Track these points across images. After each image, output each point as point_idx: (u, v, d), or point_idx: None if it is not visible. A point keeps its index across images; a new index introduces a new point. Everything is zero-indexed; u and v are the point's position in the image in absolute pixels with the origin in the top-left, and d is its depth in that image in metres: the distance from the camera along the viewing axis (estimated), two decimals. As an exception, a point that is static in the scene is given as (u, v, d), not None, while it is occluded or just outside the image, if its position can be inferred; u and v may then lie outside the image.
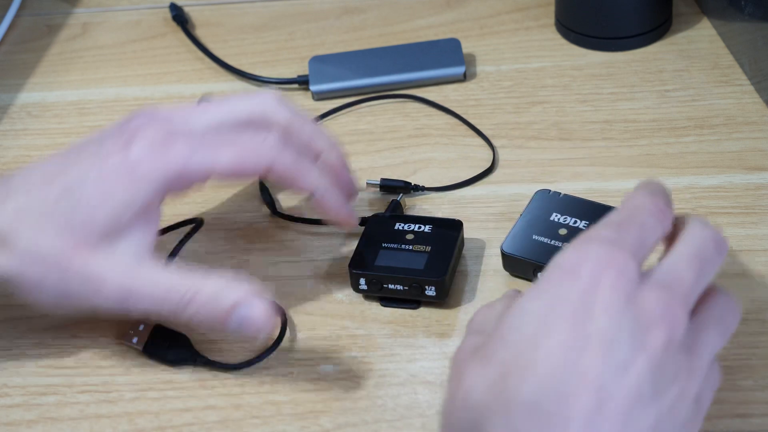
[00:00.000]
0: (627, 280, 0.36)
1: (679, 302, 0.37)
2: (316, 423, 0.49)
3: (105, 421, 0.50)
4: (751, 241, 0.56)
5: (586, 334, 0.35)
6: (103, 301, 0.48)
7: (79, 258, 0.47)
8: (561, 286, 0.36)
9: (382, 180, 0.61)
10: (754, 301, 0.53)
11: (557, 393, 0.34)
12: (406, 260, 0.53)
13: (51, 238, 0.47)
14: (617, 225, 0.38)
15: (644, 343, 0.35)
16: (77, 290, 0.48)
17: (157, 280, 0.48)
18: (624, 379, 0.34)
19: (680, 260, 0.39)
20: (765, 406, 0.47)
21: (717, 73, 0.69)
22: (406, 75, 0.70)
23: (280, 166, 0.51)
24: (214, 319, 0.47)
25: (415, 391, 0.50)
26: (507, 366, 0.35)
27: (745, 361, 0.49)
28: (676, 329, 0.36)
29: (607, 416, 0.34)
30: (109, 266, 0.47)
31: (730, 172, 0.61)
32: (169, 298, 0.47)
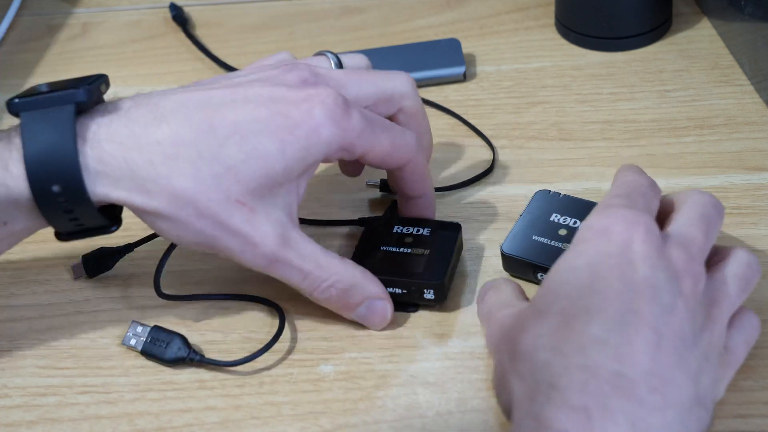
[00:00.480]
0: (654, 236, 0.40)
1: (696, 258, 0.41)
2: (316, 424, 0.49)
3: (105, 421, 0.50)
4: (751, 241, 0.56)
5: (633, 281, 0.38)
6: (248, 261, 0.47)
7: (239, 215, 0.45)
8: (600, 245, 0.40)
9: (382, 180, 0.61)
10: (754, 301, 0.53)
11: (621, 331, 0.37)
12: (404, 263, 0.53)
13: (211, 187, 0.45)
14: (626, 196, 0.43)
15: (680, 289, 0.39)
16: (225, 245, 0.46)
17: (305, 253, 0.48)
18: (671, 320, 0.38)
19: (688, 223, 0.42)
20: (765, 407, 0.47)
21: (717, 73, 0.69)
22: (406, 75, 0.70)
23: (412, 167, 0.52)
24: (343, 306, 0.50)
25: (415, 391, 0.50)
26: (567, 314, 0.39)
27: (745, 362, 0.48)
28: (699, 281, 0.40)
29: (665, 352, 0.37)
30: (265, 230, 0.46)
31: (730, 172, 0.61)
32: (312, 277, 0.48)
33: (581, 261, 0.40)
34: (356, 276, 0.49)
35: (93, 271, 0.57)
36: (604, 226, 0.41)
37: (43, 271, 0.58)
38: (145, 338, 0.52)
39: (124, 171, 0.44)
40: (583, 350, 0.37)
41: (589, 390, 0.36)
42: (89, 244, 0.58)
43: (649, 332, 0.37)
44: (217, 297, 0.55)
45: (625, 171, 0.47)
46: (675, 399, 0.37)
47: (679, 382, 0.38)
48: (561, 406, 0.36)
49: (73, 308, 0.56)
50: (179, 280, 0.57)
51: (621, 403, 0.36)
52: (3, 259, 0.59)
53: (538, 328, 0.39)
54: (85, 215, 0.46)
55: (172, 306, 0.55)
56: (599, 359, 0.37)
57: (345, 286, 0.49)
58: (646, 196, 0.44)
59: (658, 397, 0.36)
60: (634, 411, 0.36)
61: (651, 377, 0.36)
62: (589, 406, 0.36)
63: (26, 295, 0.57)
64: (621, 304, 0.38)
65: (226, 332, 0.54)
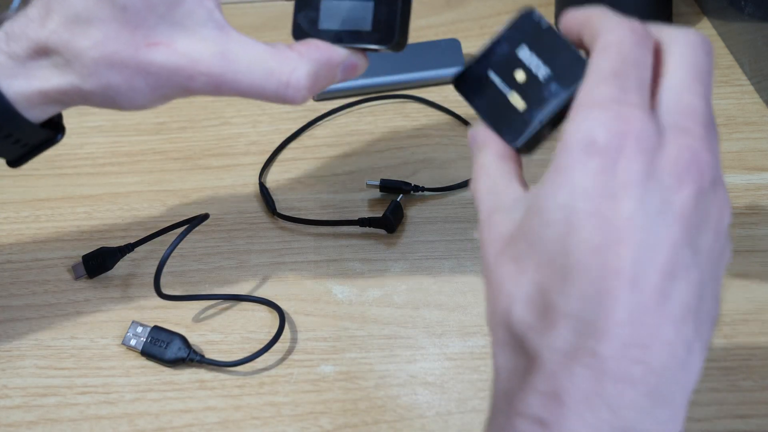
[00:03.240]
0: (646, 145, 0.33)
1: (701, 142, 0.34)
2: (316, 424, 0.49)
3: (105, 422, 0.50)
4: (751, 241, 0.56)
5: (614, 227, 0.33)
6: (197, 89, 0.43)
7: (160, 53, 0.42)
8: (577, 171, 0.34)
9: (382, 180, 0.61)
10: (754, 302, 0.53)
11: (597, 302, 0.33)
12: (350, 16, 0.46)
13: (117, 40, 0.41)
14: (613, 75, 0.35)
15: (675, 214, 0.33)
16: (168, 85, 0.43)
17: (250, 59, 0.43)
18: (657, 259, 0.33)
19: (683, 88, 0.35)
20: (765, 407, 0.47)
21: (717, 73, 0.69)
22: (406, 75, 0.70)
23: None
24: (322, 85, 0.45)
25: (415, 392, 0.50)
26: (541, 278, 0.34)
27: (745, 362, 0.48)
28: (705, 175, 0.34)
29: (647, 311, 0.33)
30: (194, 55, 0.42)
31: (730, 172, 0.61)
32: (270, 82, 0.43)
33: (556, 201, 0.34)
34: (314, 55, 0.44)
35: (93, 271, 0.57)
36: (585, 140, 0.33)
37: (43, 271, 0.58)
38: (145, 338, 0.52)
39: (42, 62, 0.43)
40: (555, 327, 0.33)
41: (562, 373, 0.33)
42: (89, 244, 0.59)
43: (628, 294, 0.32)
44: (217, 297, 0.55)
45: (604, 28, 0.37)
46: (662, 361, 0.33)
47: (667, 338, 0.33)
48: (532, 391, 0.34)
49: (73, 308, 0.56)
50: (179, 280, 0.57)
51: (596, 385, 0.33)
52: (3, 259, 0.59)
53: (514, 285, 0.35)
54: (26, 133, 0.45)
55: (172, 306, 0.55)
56: (571, 338, 0.33)
57: (312, 70, 0.44)
58: (637, 64, 0.35)
59: (640, 368, 0.33)
60: (612, 391, 0.33)
61: (631, 349, 0.33)
62: (561, 390, 0.33)
63: (26, 295, 0.57)
64: (597, 265, 0.33)
65: (226, 332, 0.54)
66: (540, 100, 0.38)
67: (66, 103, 0.44)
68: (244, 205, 0.62)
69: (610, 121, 0.34)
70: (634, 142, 0.33)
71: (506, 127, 0.39)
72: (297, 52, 0.44)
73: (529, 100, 0.38)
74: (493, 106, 0.39)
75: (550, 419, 0.33)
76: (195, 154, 0.66)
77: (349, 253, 0.58)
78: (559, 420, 0.32)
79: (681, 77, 0.36)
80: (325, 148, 0.66)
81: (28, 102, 0.43)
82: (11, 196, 0.63)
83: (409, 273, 0.56)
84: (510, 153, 0.39)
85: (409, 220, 0.60)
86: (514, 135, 0.38)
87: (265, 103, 0.70)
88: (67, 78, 0.43)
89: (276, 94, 0.44)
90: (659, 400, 0.33)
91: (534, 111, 0.38)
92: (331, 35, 0.45)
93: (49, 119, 0.46)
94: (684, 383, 0.34)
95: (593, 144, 0.33)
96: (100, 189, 0.63)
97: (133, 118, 0.69)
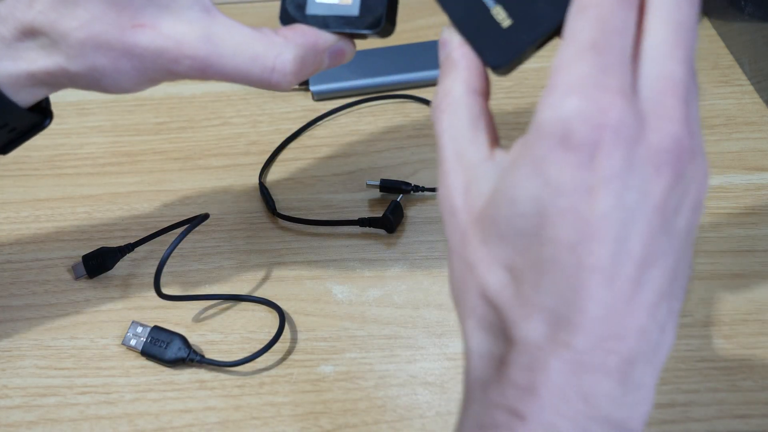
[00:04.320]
0: (624, 138, 0.32)
1: (680, 126, 0.33)
2: (316, 424, 0.49)
3: (105, 422, 0.50)
4: (751, 241, 0.56)
5: (590, 224, 0.32)
6: (183, 73, 0.43)
7: (145, 35, 0.42)
8: (552, 165, 0.32)
9: (382, 180, 0.61)
10: (754, 302, 0.53)
11: (572, 295, 0.32)
12: (338, 2, 0.45)
13: (103, 21, 0.41)
14: (591, 48, 0.32)
15: (653, 205, 0.32)
16: (153, 68, 0.43)
17: (237, 42, 0.43)
18: (634, 252, 0.32)
19: (663, 55, 0.33)
20: (765, 407, 0.47)
21: (717, 73, 0.69)
22: (406, 75, 0.70)
23: None
24: (308, 72, 0.45)
25: (415, 392, 0.50)
26: (515, 264, 0.33)
27: (745, 362, 0.48)
28: (684, 158, 0.33)
29: (622, 303, 0.32)
30: (180, 36, 0.42)
31: (730, 172, 0.61)
32: (255, 69, 0.43)
33: (528, 193, 0.33)
34: (299, 40, 0.44)
35: (93, 271, 0.57)
36: (561, 130, 0.32)
37: (43, 271, 0.58)
38: (145, 338, 0.52)
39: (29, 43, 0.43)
40: (530, 317, 0.33)
41: (537, 365, 0.33)
42: (89, 244, 0.59)
43: (604, 290, 0.32)
44: (217, 297, 0.55)
45: None
46: (636, 348, 0.33)
47: (642, 325, 0.33)
48: (507, 384, 0.33)
49: (73, 308, 0.56)
50: (179, 280, 0.57)
51: (570, 377, 0.32)
52: (3, 259, 0.59)
53: (487, 267, 0.34)
54: (14, 117, 0.45)
55: (172, 306, 0.55)
56: (545, 330, 0.33)
57: (298, 55, 0.43)
58: (617, 30, 0.33)
59: (614, 357, 0.33)
60: (587, 382, 0.32)
61: (605, 341, 0.32)
62: (537, 382, 0.33)
63: (26, 295, 0.57)
64: (572, 261, 0.32)
65: (226, 332, 0.54)
66: (528, 20, 0.34)
67: (53, 85, 0.44)
68: (244, 205, 0.62)
69: (587, 112, 0.32)
70: (613, 136, 0.32)
71: (486, 45, 0.35)
72: (283, 37, 0.44)
73: (516, 17, 0.35)
74: (473, 18, 0.35)
75: (525, 411, 0.33)
76: (195, 154, 0.66)
77: (349, 253, 0.58)
78: (535, 411, 0.32)
79: (662, 39, 0.33)
80: (325, 148, 0.66)
81: (16, 84, 0.43)
82: (11, 196, 0.63)
83: (409, 273, 0.56)
84: (481, 85, 0.37)
85: (409, 220, 0.60)
86: (495, 56, 0.35)
87: (265, 103, 0.70)
88: (53, 59, 0.42)
89: (261, 79, 0.43)
90: (632, 385, 0.33)
91: (521, 32, 0.34)
92: (318, 21, 0.45)
93: (37, 104, 0.46)
94: (656, 364, 0.34)
95: (569, 137, 0.32)
96: (100, 189, 0.63)
97: (133, 118, 0.69)
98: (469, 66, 0.36)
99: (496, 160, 0.35)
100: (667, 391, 0.49)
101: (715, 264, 0.55)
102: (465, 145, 0.36)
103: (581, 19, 0.33)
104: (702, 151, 0.34)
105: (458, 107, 0.37)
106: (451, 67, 0.37)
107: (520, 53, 0.34)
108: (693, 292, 0.54)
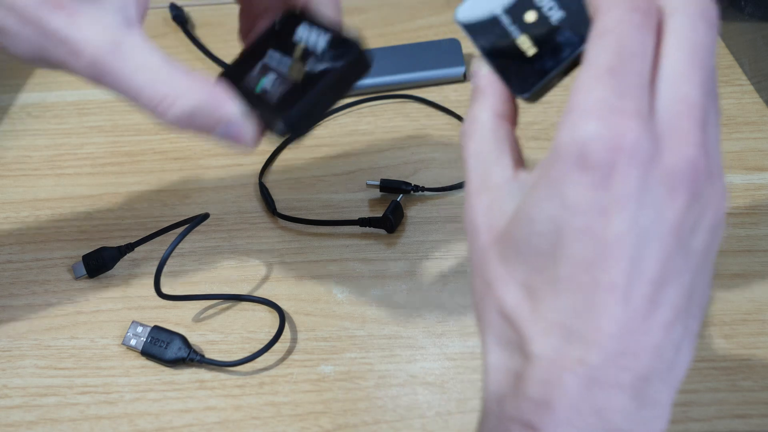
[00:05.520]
0: (640, 159, 0.32)
1: (696, 149, 0.33)
2: (316, 424, 0.49)
3: (105, 422, 0.50)
4: (751, 241, 0.56)
5: (605, 243, 0.32)
6: (79, 70, 0.42)
7: (59, 18, 0.41)
8: (569, 185, 0.33)
9: (382, 180, 0.61)
10: (754, 302, 0.53)
11: (587, 312, 0.33)
12: (271, 84, 0.43)
13: None
14: (609, 73, 0.33)
15: (668, 226, 0.33)
16: (52, 51, 0.41)
17: (140, 64, 0.42)
18: (650, 272, 0.33)
19: (680, 77, 0.34)
20: (765, 407, 0.47)
21: (717, 73, 0.69)
22: (406, 75, 0.70)
23: None
24: (196, 129, 0.43)
25: (415, 392, 0.50)
26: (531, 282, 0.34)
27: (745, 362, 0.48)
28: (700, 181, 0.33)
29: (637, 322, 0.33)
30: (88, 35, 0.41)
31: (730, 172, 0.61)
32: (147, 93, 0.42)
33: (546, 211, 0.34)
34: (203, 95, 0.42)
35: (93, 270, 0.57)
36: (576, 153, 0.33)
37: (43, 271, 0.58)
38: (145, 338, 0.52)
39: None
40: (547, 336, 0.34)
41: (551, 380, 0.33)
42: (89, 244, 0.59)
43: (619, 309, 0.33)
44: (217, 297, 0.55)
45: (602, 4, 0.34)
46: (651, 366, 0.34)
47: (657, 342, 0.33)
48: (522, 398, 0.34)
49: (73, 308, 0.56)
50: (179, 280, 0.57)
51: (584, 392, 0.33)
52: (3, 259, 0.59)
53: (505, 284, 0.35)
54: None
55: (172, 306, 0.55)
56: (560, 346, 0.33)
57: (189, 105, 0.42)
58: (636, 55, 0.33)
59: (629, 374, 0.33)
60: (601, 397, 0.33)
61: (620, 358, 0.33)
62: (551, 397, 0.33)
63: (26, 295, 0.57)
64: (587, 280, 0.33)
65: (226, 332, 0.54)
66: (552, 48, 0.35)
67: None
68: (244, 205, 0.62)
69: (603, 133, 0.32)
70: (628, 158, 0.32)
71: (513, 73, 0.36)
72: (189, 81, 0.42)
73: (541, 46, 0.35)
74: (499, 48, 0.36)
75: (540, 424, 0.33)
76: (195, 154, 0.66)
77: (349, 253, 0.58)
78: (549, 425, 0.33)
79: (679, 61, 0.34)
80: (325, 148, 0.66)
81: None
82: (11, 196, 0.63)
83: (409, 273, 0.56)
84: (507, 111, 0.38)
85: (409, 220, 0.60)
86: (521, 85, 0.36)
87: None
88: None
89: (146, 106, 0.42)
90: (647, 402, 0.33)
91: (545, 60, 0.35)
92: (246, 90, 0.43)
93: None
94: (671, 382, 0.34)
95: (586, 158, 0.32)
96: (100, 189, 0.63)
97: (133, 118, 0.69)
98: (494, 93, 0.37)
99: (520, 181, 0.36)
100: (667, 391, 0.49)
101: (715, 264, 0.55)
102: (489, 167, 0.37)
103: (599, 44, 0.33)
104: (720, 173, 0.35)
105: (483, 132, 0.38)
106: (479, 95, 0.38)
107: (545, 80, 0.35)
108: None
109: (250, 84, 0.43)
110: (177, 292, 0.56)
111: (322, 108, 0.43)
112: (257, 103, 0.42)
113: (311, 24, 0.44)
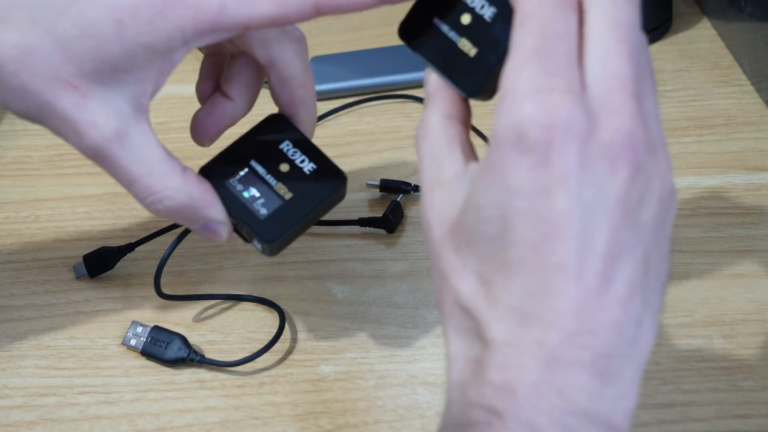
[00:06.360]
0: (576, 135, 0.33)
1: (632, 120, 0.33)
2: (316, 424, 0.49)
3: (105, 422, 0.50)
4: (751, 241, 0.56)
5: (550, 223, 0.33)
6: (77, 148, 0.42)
7: (68, 98, 0.40)
8: (509, 169, 0.33)
9: (382, 180, 0.61)
10: (754, 302, 0.53)
11: (541, 294, 0.33)
12: (255, 198, 0.45)
13: (39, 62, 0.39)
14: (535, 55, 0.33)
15: (612, 199, 0.33)
16: (53, 126, 0.41)
17: (139, 156, 0.42)
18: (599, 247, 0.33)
19: (607, 53, 0.34)
20: (765, 407, 0.47)
21: (717, 73, 0.69)
22: (406, 75, 0.70)
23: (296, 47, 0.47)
24: (178, 220, 0.44)
25: (415, 391, 0.50)
26: (484, 271, 0.35)
27: (745, 362, 0.48)
28: (639, 152, 0.33)
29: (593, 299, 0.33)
30: (95, 119, 0.41)
31: (730, 172, 0.61)
32: (140, 185, 0.42)
33: (491, 198, 0.34)
34: (192, 196, 0.43)
35: (93, 270, 0.57)
36: (515, 136, 0.33)
37: (43, 271, 0.58)
38: (145, 338, 0.52)
39: None
40: (501, 320, 0.34)
41: (511, 363, 0.33)
42: (89, 244, 0.59)
43: (573, 287, 0.33)
44: (217, 297, 0.55)
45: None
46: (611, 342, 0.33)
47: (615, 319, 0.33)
48: (484, 384, 0.34)
49: (73, 308, 0.56)
50: (179, 280, 0.57)
51: (545, 373, 0.33)
52: (3, 259, 0.59)
53: (459, 274, 0.35)
54: None
55: (172, 306, 0.55)
56: (517, 330, 0.33)
57: (177, 204, 0.43)
58: (559, 36, 0.34)
59: (588, 352, 0.33)
60: (562, 378, 0.33)
61: (578, 336, 0.33)
62: (512, 380, 0.33)
63: (26, 295, 0.57)
64: (538, 261, 0.33)
65: (226, 332, 0.54)
66: (491, 44, 0.36)
67: None
68: (244, 205, 0.62)
69: (537, 113, 0.33)
70: (563, 134, 0.32)
71: (461, 77, 0.37)
72: (181, 181, 0.43)
73: (480, 45, 0.37)
74: (444, 54, 0.38)
75: (502, 408, 0.33)
76: (195, 154, 0.66)
77: (349, 253, 0.58)
78: (512, 409, 0.33)
79: (603, 38, 0.34)
80: (325, 148, 0.65)
81: None
82: (11, 196, 0.63)
83: (409, 273, 0.56)
84: (457, 112, 0.38)
85: (409, 220, 0.60)
86: (471, 86, 0.37)
87: (265, 103, 0.70)
88: None
89: (136, 195, 0.43)
90: (609, 379, 0.33)
91: (488, 56, 0.37)
92: (229, 194, 0.45)
93: None
94: (635, 357, 0.34)
95: (522, 140, 0.33)
96: (100, 189, 0.63)
97: (133, 118, 0.69)
98: (443, 97, 0.38)
99: (469, 172, 0.36)
100: (667, 391, 0.49)
101: (715, 264, 0.55)
102: (441, 164, 0.38)
103: (522, 30, 0.34)
104: (662, 144, 0.35)
105: (434, 133, 0.39)
106: (429, 101, 0.39)
107: (490, 77, 0.36)
108: (693, 292, 0.54)
109: (234, 189, 0.45)
110: (177, 292, 0.56)
111: (301, 232, 0.45)
112: (241, 212, 0.44)
113: (296, 138, 0.47)
